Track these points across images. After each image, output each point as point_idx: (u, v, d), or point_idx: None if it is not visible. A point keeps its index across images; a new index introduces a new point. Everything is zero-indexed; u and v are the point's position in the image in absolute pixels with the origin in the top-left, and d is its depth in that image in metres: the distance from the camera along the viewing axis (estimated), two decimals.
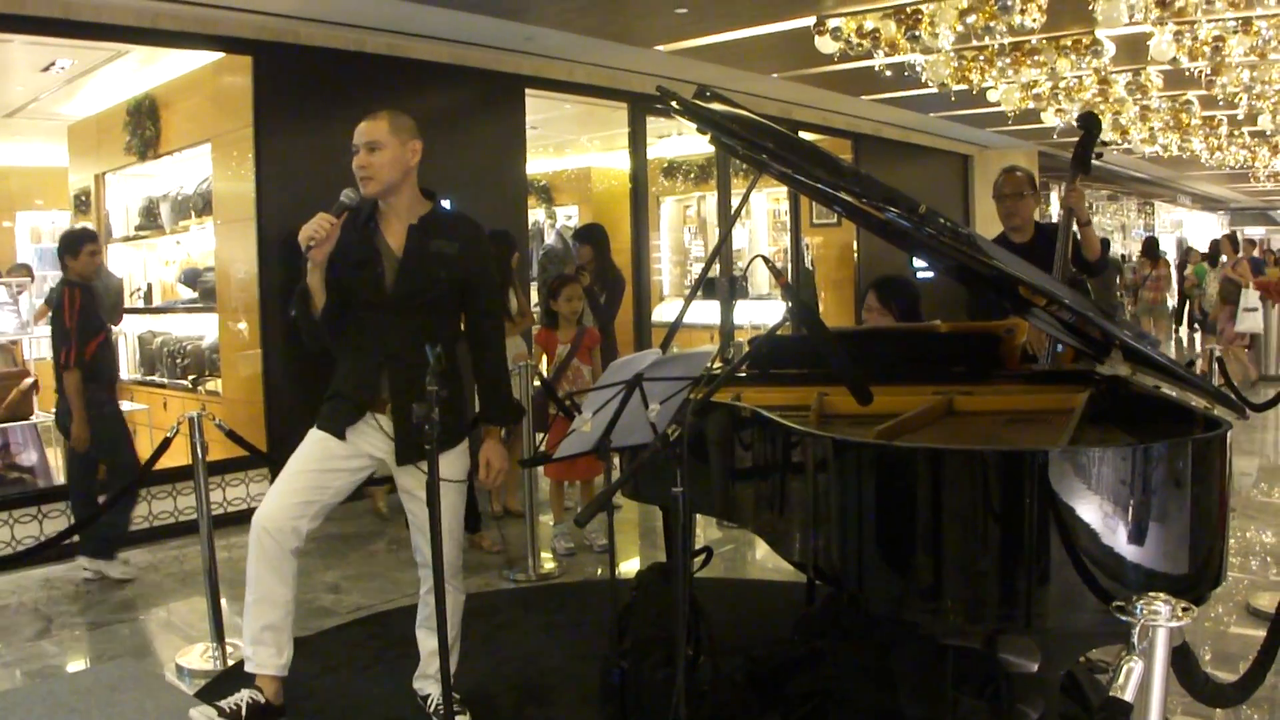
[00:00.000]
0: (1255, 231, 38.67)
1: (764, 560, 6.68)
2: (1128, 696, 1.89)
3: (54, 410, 6.47)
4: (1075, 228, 5.22)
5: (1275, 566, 6.08)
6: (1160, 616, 1.97)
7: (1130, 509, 2.78)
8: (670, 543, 4.98)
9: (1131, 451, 2.80)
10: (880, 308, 5.23)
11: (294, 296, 3.81)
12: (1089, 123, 5.22)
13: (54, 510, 6.84)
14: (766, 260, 3.67)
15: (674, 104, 3.78)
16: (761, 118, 3.74)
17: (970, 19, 7.25)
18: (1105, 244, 5.51)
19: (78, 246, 6.31)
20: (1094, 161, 5.26)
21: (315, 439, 3.98)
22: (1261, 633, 5.03)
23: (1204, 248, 21.36)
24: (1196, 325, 17.89)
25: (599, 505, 2.83)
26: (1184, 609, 1.99)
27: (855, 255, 14.85)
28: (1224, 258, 15.43)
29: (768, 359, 4.54)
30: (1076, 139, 5.24)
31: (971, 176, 17.45)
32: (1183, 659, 2.15)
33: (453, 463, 3.95)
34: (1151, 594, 2.02)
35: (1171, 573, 2.82)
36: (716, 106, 3.74)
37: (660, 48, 9.24)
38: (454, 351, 4.01)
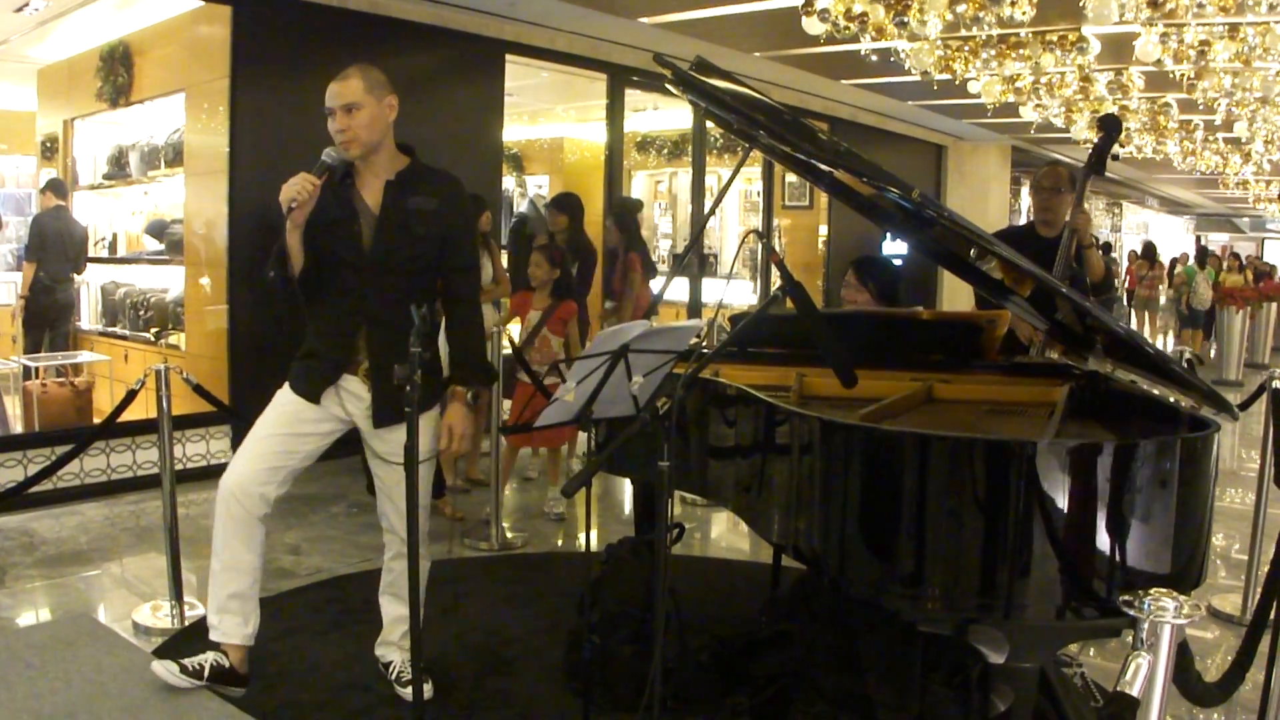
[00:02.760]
0: (1219, 237, 39.14)
1: (722, 539, 6.68)
2: (1134, 692, 1.86)
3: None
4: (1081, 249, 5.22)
5: (1225, 569, 6.12)
6: (1167, 613, 1.94)
7: (1115, 506, 2.76)
8: (641, 517, 4.96)
9: (1119, 448, 2.78)
10: (858, 285, 5.20)
11: (271, 258, 3.70)
12: (1109, 123, 5.18)
13: (10, 460, 6.72)
14: (761, 237, 3.63)
15: (670, 74, 3.72)
16: (758, 94, 3.70)
17: (960, 8, 7.22)
18: (1106, 265, 5.50)
19: None
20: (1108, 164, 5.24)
21: (285, 401, 3.89)
22: (1217, 633, 5.11)
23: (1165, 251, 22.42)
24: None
25: (587, 476, 2.78)
26: (1192, 606, 1.97)
27: (823, 238, 14.90)
28: None
29: (749, 337, 4.51)
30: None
31: (945, 167, 17.50)
32: (1180, 657, 2.13)
33: (427, 428, 3.88)
34: (1158, 590, 1.99)
35: (1153, 571, 2.81)
36: (715, 81, 3.68)
37: (644, 20, 9.17)
38: (433, 312, 3.95)
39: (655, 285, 8.77)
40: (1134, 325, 18.37)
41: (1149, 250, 20.52)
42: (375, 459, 3.97)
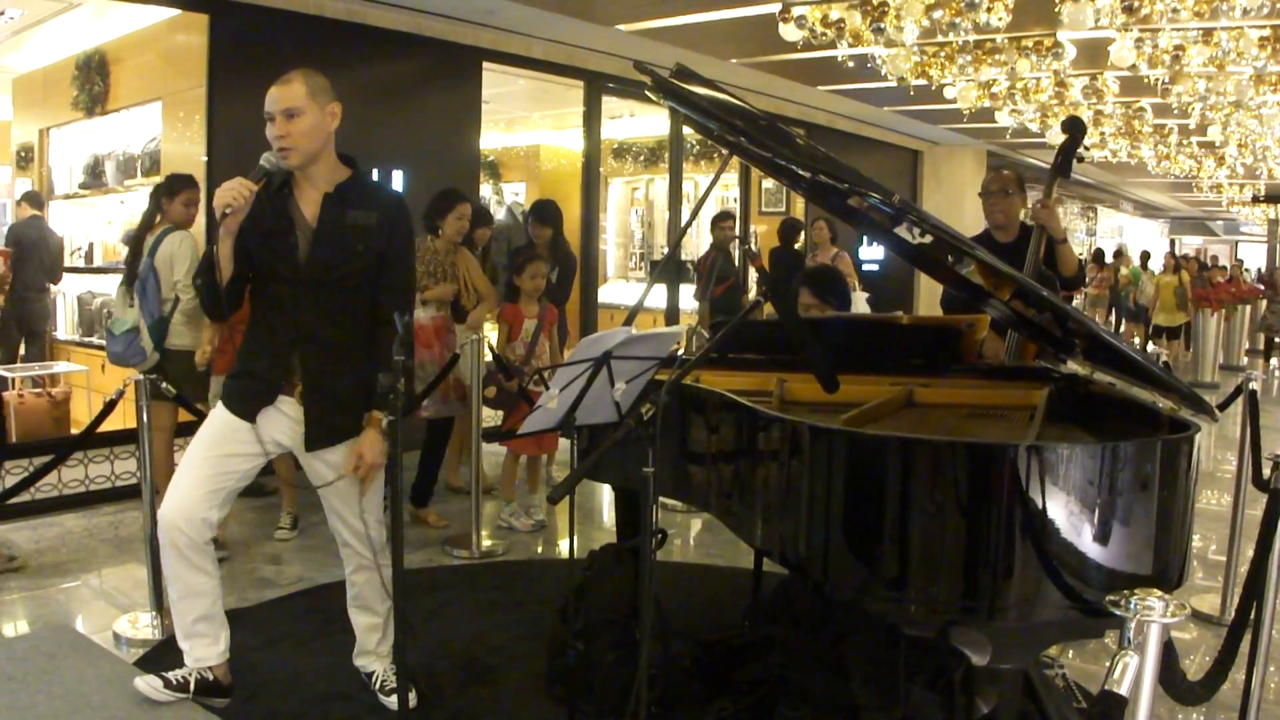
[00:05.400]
0: (1193, 240, 39.39)
1: (704, 544, 6.68)
2: (1122, 691, 1.88)
3: None
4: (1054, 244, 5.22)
5: (1203, 570, 6.15)
6: (1154, 612, 1.96)
7: (1097, 507, 2.77)
8: (622, 523, 4.96)
9: (1101, 450, 2.80)
10: (819, 304, 5.21)
11: (200, 263, 3.65)
12: (1074, 126, 5.19)
13: None
14: (744, 244, 3.65)
15: (650, 80, 3.72)
16: (738, 100, 3.71)
17: (936, 14, 7.26)
18: (1079, 260, 5.48)
19: None
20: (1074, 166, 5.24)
21: (218, 422, 3.79)
22: (1196, 634, 5.14)
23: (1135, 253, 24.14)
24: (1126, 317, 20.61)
25: (572, 483, 2.78)
26: (1179, 606, 1.98)
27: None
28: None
29: (730, 343, 4.51)
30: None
31: (921, 172, 17.57)
32: (1165, 656, 2.15)
33: (351, 450, 3.77)
34: (1144, 590, 2.01)
35: (1135, 573, 2.82)
36: (695, 88, 3.69)
37: (621, 27, 9.18)
38: (366, 332, 3.76)
39: (618, 291, 8.78)
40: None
41: (1098, 254, 22.72)
42: (316, 479, 3.88)
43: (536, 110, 13.33)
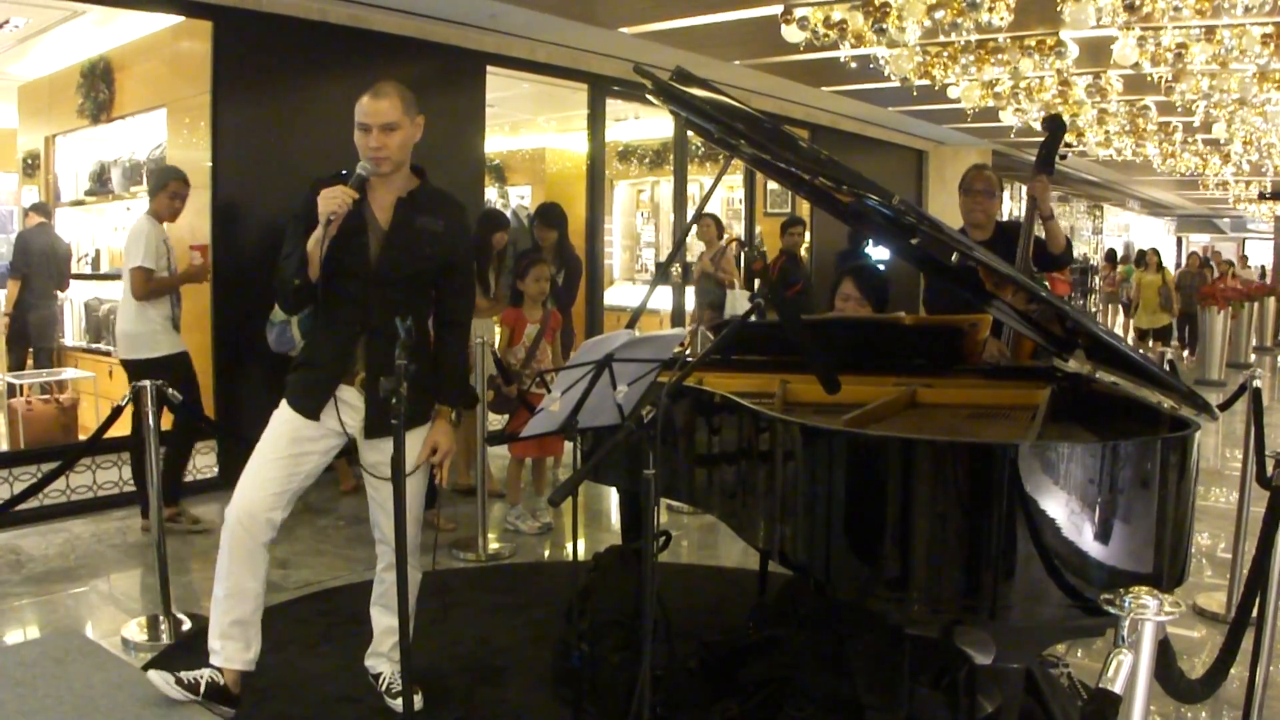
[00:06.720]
0: (1200, 238, 39.31)
1: (709, 546, 6.69)
2: (1117, 689, 1.89)
3: None
4: (1038, 222, 5.23)
5: (1211, 568, 6.15)
6: (1148, 610, 1.97)
7: (1097, 506, 2.78)
8: (627, 525, 4.97)
9: (1101, 449, 2.81)
10: (859, 297, 5.20)
11: (293, 265, 3.70)
12: (1054, 124, 5.22)
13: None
14: (743, 245, 3.67)
15: (649, 84, 3.74)
16: (738, 103, 3.72)
17: (938, 14, 7.26)
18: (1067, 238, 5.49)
19: None
20: (1057, 164, 5.26)
21: (283, 421, 3.88)
22: (1203, 632, 5.14)
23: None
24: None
25: (573, 485, 2.79)
26: (1172, 603, 1.99)
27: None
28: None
29: (732, 344, 4.52)
30: (1041, 139, 5.25)
31: (926, 172, 17.56)
32: (1162, 654, 2.16)
33: (418, 441, 3.89)
34: (1138, 588, 2.02)
35: (1135, 571, 2.83)
36: (694, 90, 3.70)
37: (624, 29, 9.19)
38: (426, 327, 3.96)
39: (624, 293, 8.76)
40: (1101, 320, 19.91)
41: (1110, 255, 25.08)
42: (367, 470, 3.97)
43: (541, 113, 13.34)
